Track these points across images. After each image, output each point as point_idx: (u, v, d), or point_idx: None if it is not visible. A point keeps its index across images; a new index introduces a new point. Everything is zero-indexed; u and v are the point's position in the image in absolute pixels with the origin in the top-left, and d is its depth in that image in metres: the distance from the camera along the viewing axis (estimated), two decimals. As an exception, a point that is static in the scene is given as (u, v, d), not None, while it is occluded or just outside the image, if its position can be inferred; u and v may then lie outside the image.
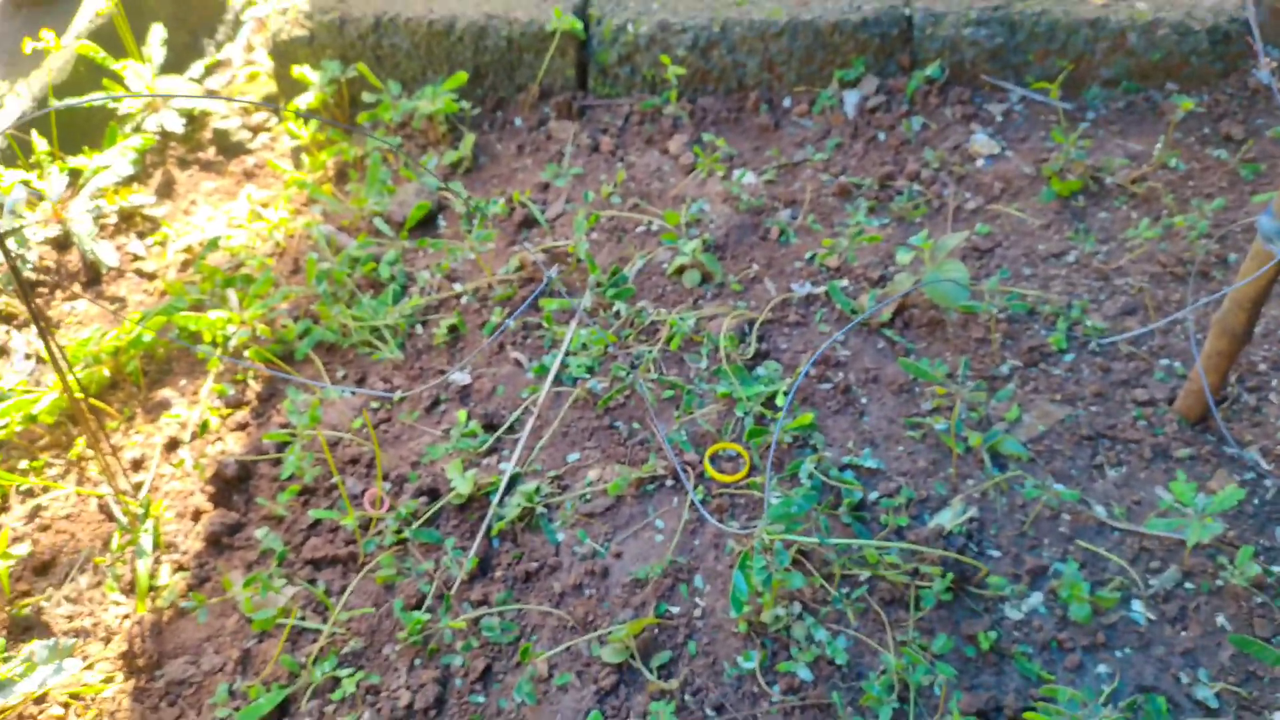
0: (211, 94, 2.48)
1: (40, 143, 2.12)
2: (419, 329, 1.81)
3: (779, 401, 1.57)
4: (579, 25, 2.18)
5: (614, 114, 2.27)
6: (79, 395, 1.36)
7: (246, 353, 1.73)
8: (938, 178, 2.03)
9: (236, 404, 1.68)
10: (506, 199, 2.05)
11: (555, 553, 1.43)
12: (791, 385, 1.59)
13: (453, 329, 1.78)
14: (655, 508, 1.48)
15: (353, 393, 1.69)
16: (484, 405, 1.66)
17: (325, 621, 1.35)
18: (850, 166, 2.08)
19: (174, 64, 2.56)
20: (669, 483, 1.51)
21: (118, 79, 2.38)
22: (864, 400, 1.62)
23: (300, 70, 2.23)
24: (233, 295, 1.80)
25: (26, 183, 2.03)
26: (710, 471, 1.50)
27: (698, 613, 1.35)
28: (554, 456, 1.57)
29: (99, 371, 1.67)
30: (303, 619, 1.34)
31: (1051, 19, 2.13)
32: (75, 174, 2.23)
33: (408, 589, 1.37)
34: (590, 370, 1.68)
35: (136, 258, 2.05)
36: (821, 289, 1.81)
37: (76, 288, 1.98)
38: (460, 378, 1.71)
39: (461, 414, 1.62)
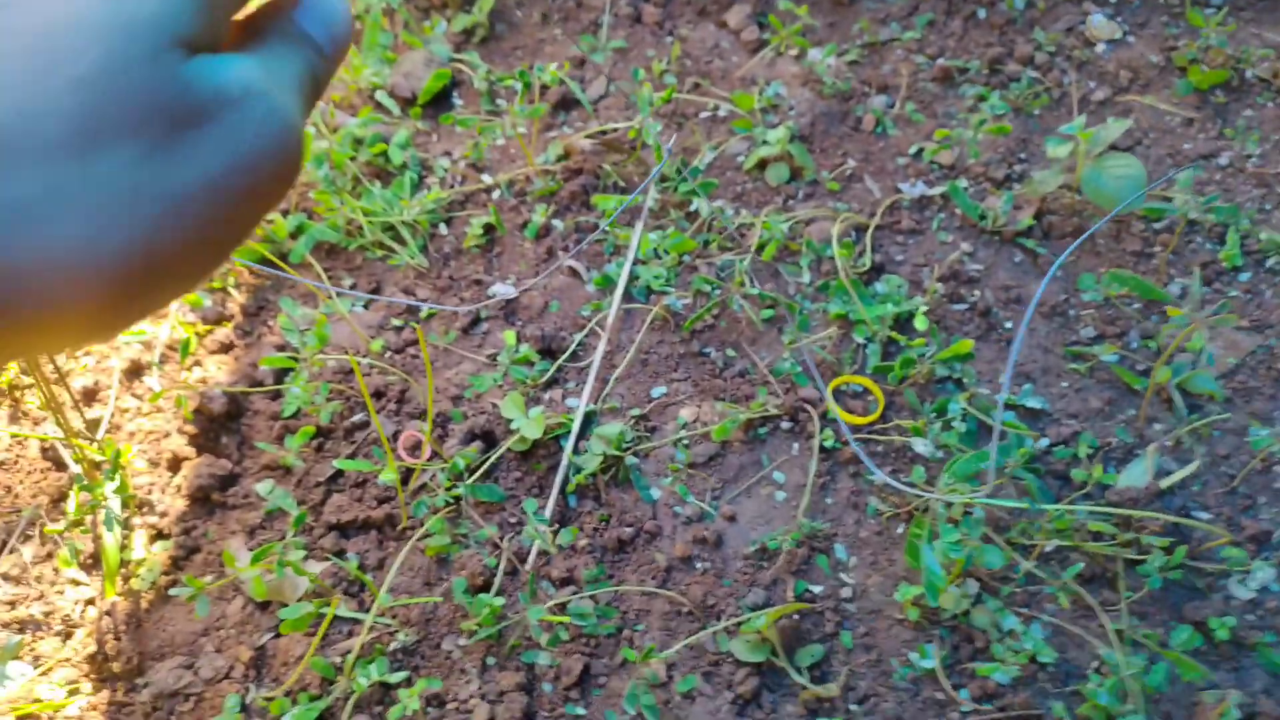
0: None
1: None
2: (443, 228, 1.45)
3: (918, 324, 1.26)
4: None
5: (657, -22, 1.89)
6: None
7: (226, 254, 1.35)
8: (1054, 63, 1.71)
9: (216, 319, 1.30)
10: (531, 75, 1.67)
11: (652, 514, 1.12)
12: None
13: (488, 228, 1.43)
14: (770, 456, 1.18)
15: (365, 305, 1.33)
16: (537, 325, 1.32)
17: (363, 609, 1.02)
18: (949, 48, 1.75)
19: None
20: (785, 424, 1.21)
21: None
22: (1008, 325, 1.32)
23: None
24: (203, 181, 1.41)
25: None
26: (838, 412, 1.20)
27: (846, 593, 1.06)
28: (634, 391, 1.24)
29: (31, 274, 1.28)
30: (328, 604, 1.01)
31: (1178, -119, 1.80)
32: None
33: (469, 564, 1.05)
34: (667, 283, 1.35)
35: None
36: (937, 190, 1.49)
37: None
38: (504, 290, 1.36)
39: (509, 335, 1.28)
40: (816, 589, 1.06)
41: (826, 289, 1.35)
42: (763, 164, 1.53)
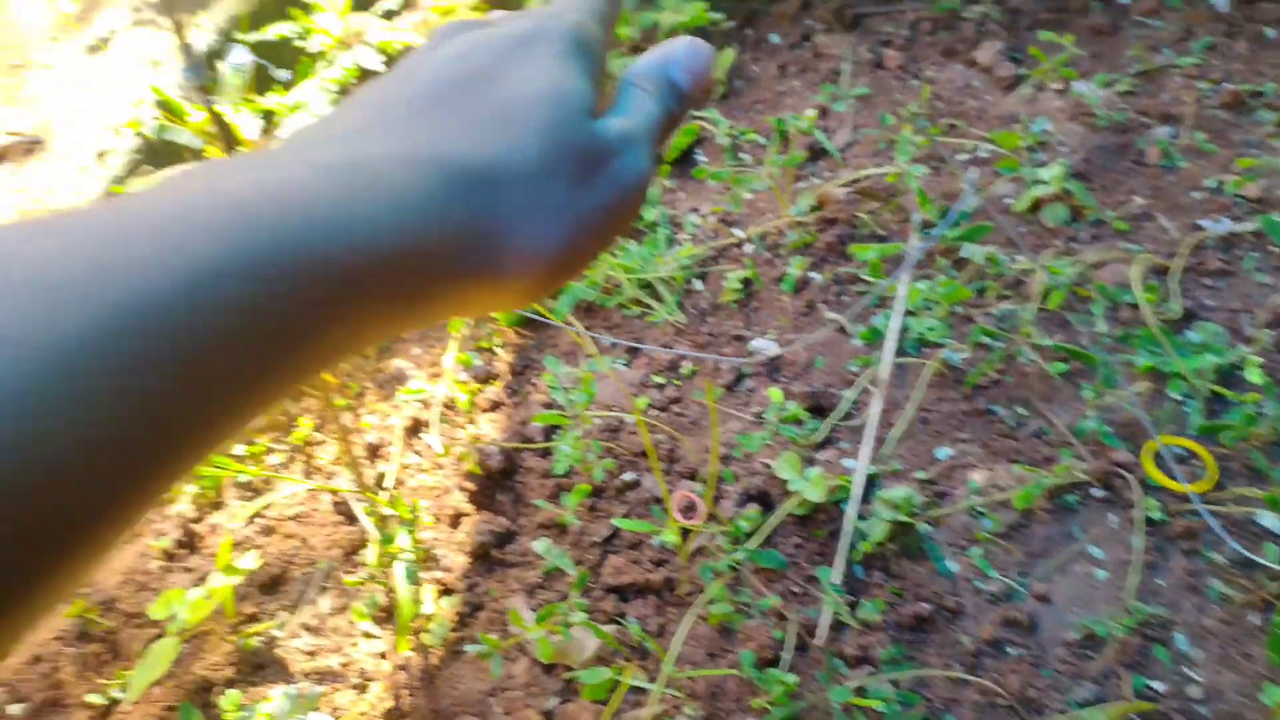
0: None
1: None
2: (697, 284, 1.42)
3: (1251, 376, 1.11)
4: (862, -91, 1.74)
5: (897, 23, 1.83)
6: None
7: (493, 314, 1.38)
8: (1370, 81, 1.51)
9: (485, 378, 1.33)
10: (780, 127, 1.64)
11: (951, 589, 1.02)
12: (1257, 356, 1.13)
13: (745, 282, 1.39)
14: (1083, 528, 1.05)
15: (626, 363, 1.31)
16: (803, 382, 1.26)
17: (647, 676, 0.98)
18: (1235, 71, 1.58)
19: (361, 1, 2.25)
20: (1096, 492, 1.08)
21: (308, 9, 2.08)
22: (1358, 378, 1.14)
23: (518, -16, 1.87)
24: (467, 243, 1.45)
25: (219, 114, 1.74)
26: (1157, 477, 1.06)
27: (1195, 693, 0.92)
28: (916, 452, 1.16)
29: (319, 336, 1.35)
30: (620, 671, 0.98)
31: None
32: (267, 116, 1.94)
33: (756, 635, 0.99)
34: (942, 336, 1.26)
35: (342, 204, 1.73)
36: (1247, 226, 1.33)
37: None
38: (766, 346, 1.31)
39: (775, 392, 1.22)
40: (1157, 686, 0.93)
41: (1128, 339, 1.22)
42: (1037, 205, 1.42)
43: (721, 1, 1.90)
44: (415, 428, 1.26)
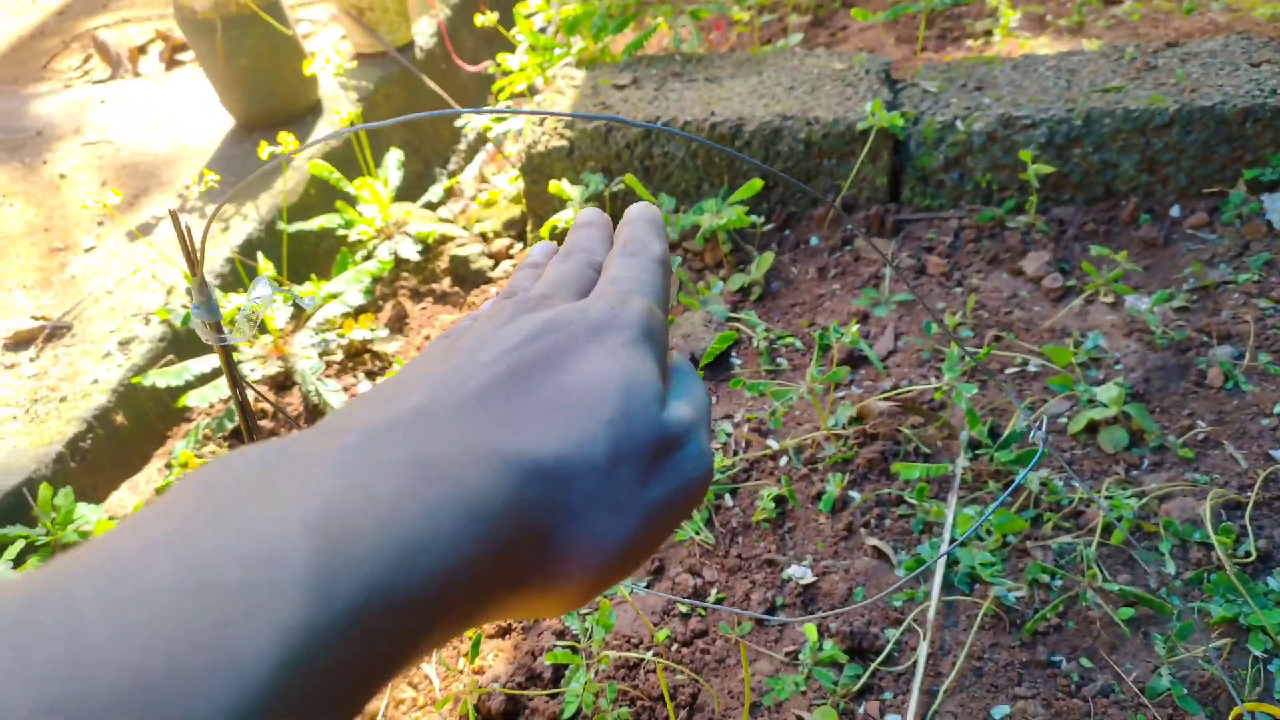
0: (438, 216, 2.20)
1: (265, 269, 1.85)
2: (728, 499, 1.34)
3: (1354, 643, 0.98)
4: (899, 121, 1.76)
5: (939, 229, 1.81)
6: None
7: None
8: None
9: (496, 597, 1.23)
10: (806, 332, 1.59)
11: None
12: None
13: (779, 500, 1.30)
14: (1168, 817, 0.91)
15: (648, 585, 1.21)
16: (842, 618, 1.14)
17: None
18: (1298, 289, 1.52)
19: (405, 192, 2.32)
20: (1180, 772, 0.94)
21: (352, 201, 2.14)
22: None
23: (558, 184, 1.90)
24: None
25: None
26: (1253, 758, 0.92)
27: None
28: (970, 709, 1.02)
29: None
30: None
31: None
32: (298, 306, 1.95)
33: None
34: (995, 571, 1.15)
35: (367, 398, 1.70)
36: (1328, 459, 1.22)
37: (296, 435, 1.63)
38: (801, 573, 1.21)
39: (810, 629, 1.11)
40: None
41: (1200, 583, 1.10)
42: (1093, 427, 1.33)
43: (756, 205, 1.91)
44: (415, 655, 1.16)
